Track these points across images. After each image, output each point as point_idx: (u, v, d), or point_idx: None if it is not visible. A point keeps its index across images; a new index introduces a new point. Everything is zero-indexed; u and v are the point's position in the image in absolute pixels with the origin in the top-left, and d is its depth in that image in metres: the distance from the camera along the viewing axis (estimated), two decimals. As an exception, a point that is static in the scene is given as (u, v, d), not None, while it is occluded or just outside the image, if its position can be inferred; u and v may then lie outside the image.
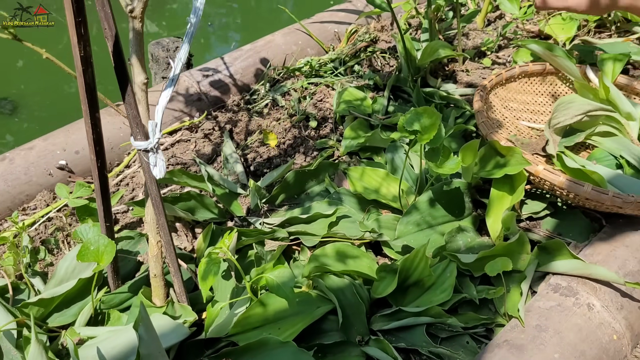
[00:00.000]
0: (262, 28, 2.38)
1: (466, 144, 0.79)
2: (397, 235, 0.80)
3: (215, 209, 0.90)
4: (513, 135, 0.96)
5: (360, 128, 1.02)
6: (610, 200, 0.75)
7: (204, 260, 0.68)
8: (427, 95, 1.10)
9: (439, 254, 0.77)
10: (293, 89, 1.17)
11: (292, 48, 1.25)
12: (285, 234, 0.81)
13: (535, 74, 1.04)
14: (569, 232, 0.85)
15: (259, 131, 1.07)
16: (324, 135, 1.08)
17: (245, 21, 2.71)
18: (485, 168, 0.84)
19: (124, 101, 0.61)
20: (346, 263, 0.77)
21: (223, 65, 1.18)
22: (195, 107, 1.12)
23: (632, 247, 0.79)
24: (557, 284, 0.75)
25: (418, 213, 0.81)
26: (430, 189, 0.83)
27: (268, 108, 1.15)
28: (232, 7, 2.81)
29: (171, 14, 2.87)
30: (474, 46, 1.28)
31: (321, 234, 0.82)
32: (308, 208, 0.88)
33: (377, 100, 1.10)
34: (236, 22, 2.56)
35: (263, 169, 1.00)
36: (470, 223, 0.85)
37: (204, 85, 1.14)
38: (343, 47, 1.29)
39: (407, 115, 0.74)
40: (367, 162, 0.96)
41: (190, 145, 1.05)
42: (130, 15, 0.60)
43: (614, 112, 0.90)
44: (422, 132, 0.72)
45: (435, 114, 0.72)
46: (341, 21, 1.34)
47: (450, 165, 0.74)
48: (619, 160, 0.89)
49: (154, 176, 0.63)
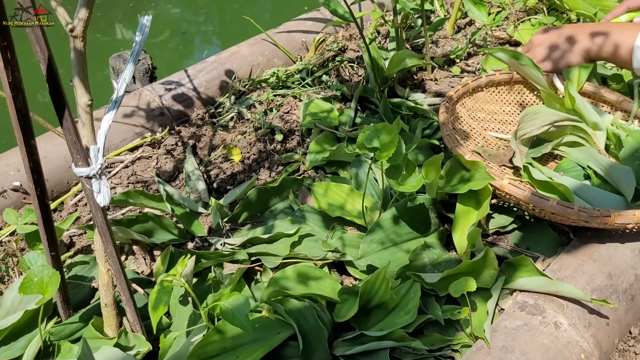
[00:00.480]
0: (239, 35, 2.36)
1: (429, 160, 0.77)
2: (360, 254, 0.78)
3: (175, 229, 0.87)
4: (480, 147, 0.94)
5: (326, 141, 1.00)
6: (576, 214, 0.73)
7: (155, 288, 0.65)
8: (395, 106, 1.08)
9: (404, 273, 0.75)
10: (259, 102, 1.14)
11: (258, 59, 1.23)
12: (245, 256, 0.79)
13: (503, 83, 1.02)
14: (537, 245, 0.83)
15: (223, 146, 1.04)
16: (291, 148, 1.06)
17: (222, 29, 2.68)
18: (451, 182, 0.82)
19: (62, 126, 0.58)
20: (308, 285, 0.74)
21: (186, 78, 1.15)
22: (158, 122, 1.09)
23: (600, 261, 0.77)
24: (524, 302, 0.73)
25: (382, 231, 0.79)
26: (394, 206, 0.80)
27: (233, 121, 1.12)
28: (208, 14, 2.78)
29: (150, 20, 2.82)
30: (443, 54, 1.26)
31: (283, 254, 0.80)
32: (271, 227, 0.85)
33: (344, 112, 1.08)
34: (210, 30, 2.53)
35: (226, 186, 0.98)
36: (436, 239, 0.83)
37: (166, 99, 1.10)
38: (311, 56, 1.27)
39: (366, 132, 0.71)
40: (331, 177, 0.94)
41: (151, 162, 1.02)
42: (70, 35, 0.58)
43: (581, 122, 0.89)
44: (381, 149, 0.70)
45: (394, 131, 0.69)
46: (309, 30, 1.32)
47: (411, 182, 0.72)
48: (586, 171, 0.88)
49: (98, 204, 0.60)
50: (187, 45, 2.44)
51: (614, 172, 0.83)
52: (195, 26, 2.69)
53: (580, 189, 0.84)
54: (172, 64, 2.31)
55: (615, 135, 0.88)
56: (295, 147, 1.05)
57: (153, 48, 2.49)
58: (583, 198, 0.83)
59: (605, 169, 0.85)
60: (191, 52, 2.39)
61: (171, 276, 0.67)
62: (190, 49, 2.40)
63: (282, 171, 0.99)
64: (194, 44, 2.45)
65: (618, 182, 0.82)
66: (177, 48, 2.43)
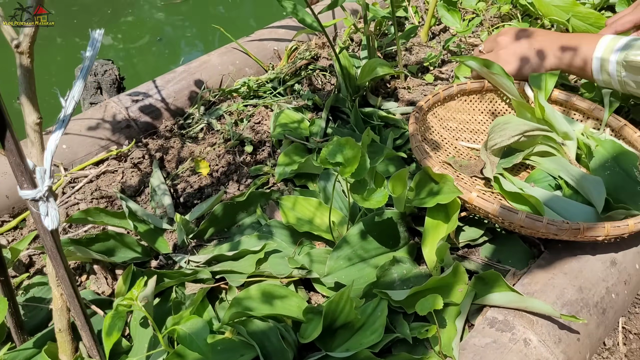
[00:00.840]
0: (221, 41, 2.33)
1: (395, 174, 0.75)
2: (327, 271, 0.76)
3: (139, 247, 0.84)
4: (451, 157, 0.93)
5: (295, 153, 0.98)
6: (544, 227, 0.72)
7: (109, 313, 0.62)
8: (366, 115, 1.06)
9: (371, 291, 0.73)
10: (229, 112, 1.12)
11: (229, 68, 1.20)
12: (209, 275, 0.76)
13: (474, 91, 1.01)
14: (508, 258, 0.81)
15: (191, 159, 1.02)
16: (261, 160, 1.03)
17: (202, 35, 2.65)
18: (420, 195, 0.80)
19: (4, 148, 0.55)
20: (273, 305, 0.72)
21: (154, 89, 1.12)
22: (124, 135, 1.06)
23: (571, 274, 0.76)
24: (493, 318, 0.72)
25: (349, 247, 0.77)
26: (361, 221, 0.78)
27: (203, 132, 1.10)
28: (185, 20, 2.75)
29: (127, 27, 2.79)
30: (417, 61, 1.25)
31: (249, 272, 0.77)
32: (237, 243, 0.83)
33: (315, 122, 1.06)
34: (186, 36, 2.50)
35: (194, 200, 0.95)
36: (406, 253, 0.82)
37: (133, 111, 1.08)
38: (283, 65, 1.24)
39: (329, 147, 0.69)
40: (300, 190, 0.92)
41: (117, 176, 0.99)
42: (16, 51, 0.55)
43: (551, 132, 0.88)
44: (345, 164, 0.68)
45: (357, 145, 0.68)
46: (282, 38, 1.30)
47: (377, 198, 0.70)
48: (558, 181, 0.87)
49: (46, 227, 0.58)
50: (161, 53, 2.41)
51: (584, 183, 0.82)
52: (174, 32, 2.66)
53: (551, 200, 0.83)
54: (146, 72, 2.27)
55: (585, 145, 0.87)
56: (265, 159, 1.03)
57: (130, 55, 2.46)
58: (554, 209, 0.81)
59: (576, 180, 0.84)
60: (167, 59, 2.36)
61: (127, 300, 0.64)
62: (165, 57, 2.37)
63: (251, 184, 0.97)
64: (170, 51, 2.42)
65: (589, 193, 0.81)
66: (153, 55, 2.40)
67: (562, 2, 1.21)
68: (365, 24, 1.05)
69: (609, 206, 0.79)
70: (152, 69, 2.31)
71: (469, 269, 0.80)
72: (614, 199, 0.81)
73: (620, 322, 0.90)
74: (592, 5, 1.27)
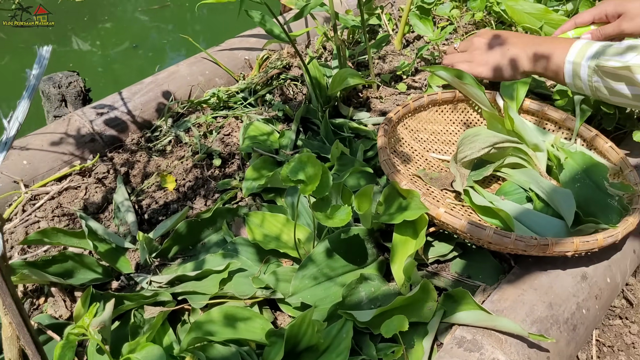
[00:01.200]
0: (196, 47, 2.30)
1: (360, 191, 0.73)
2: (291, 291, 0.73)
3: (99, 267, 0.81)
4: (422, 170, 0.91)
5: (264, 167, 0.95)
6: (513, 243, 0.70)
7: (59, 344, 0.60)
8: (337, 127, 1.04)
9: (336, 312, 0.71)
10: (198, 124, 1.10)
11: (198, 79, 1.18)
12: (169, 297, 0.74)
13: (446, 102, 1.00)
14: (479, 273, 0.80)
15: (157, 173, 0.99)
16: (230, 173, 1.01)
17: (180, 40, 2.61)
18: (390, 210, 0.79)
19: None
20: (235, 327, 0.70)
21: (120, 101, 1.09)
22: (89, 149, 1.03)
23: (541, 290, 0.74)
24: (462, 337, 0.70)
25: (314, 265, 0.75)
26: (327, 238, 0.76)
27: (171, 145, 1.07)
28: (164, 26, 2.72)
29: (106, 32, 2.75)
30: (390, 70, 1.23)
31: (212, 292, 0.75)
32: (201, 262, 0.81)
33: (285, 134, 1.03)
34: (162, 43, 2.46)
35: (159, 217, 0.92)
36: (375, 270, 0.80)
37: (97, 124, 1.05)
38: (254, 75, 1.22)
39: (291, 164, 0.67)
40: (268, 205, 0.89)
41: (79, 192, 0.96)
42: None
43: (521, 144, 0.86)
44: (307, 182, 0.66)
45: (318, 163, 0.66)
46: (253, 47, 1.28)
47: (340, 216, 0.68)
48: (529, 193, 0.85)
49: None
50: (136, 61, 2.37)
51: (554, 195, 0.81)
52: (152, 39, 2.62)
53: (522, 213, 0.81)
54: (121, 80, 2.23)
55: (556, 157, 0.86)
56: (235, 172, 1.01)
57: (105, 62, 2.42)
58: (524, 223, 0.80)
59: (546, 192, 0.83)
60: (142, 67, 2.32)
61: (78, 328, 0.61)
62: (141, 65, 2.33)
63: (218, 199, 0.94)
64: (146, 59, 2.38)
65: (559, 206, 0.80)
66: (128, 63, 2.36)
67: (534, 10, 1.20)
68: (335, 34, 1.04)
69: (579, 219, 0.78)
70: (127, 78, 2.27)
71: (439, 286, 0.78)
72: (585, 212, 0.80)
73: (594, 334, 0.89)
74: (565, 12, 1.27)
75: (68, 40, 2.52)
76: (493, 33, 0.98)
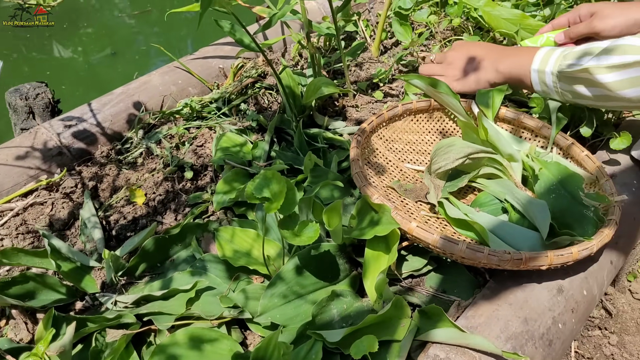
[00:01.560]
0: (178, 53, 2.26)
1: (329, 206, 0.71)
2: (260, 311, 0.71)
3: (63, 288, 0.79)
4: (396, 181, 0.89)
5: (235, 179, 0.93)
6: (486, 258, 0.69)
7: (11, 373, 0.57)
8: (311, 137, 1.02)
9: (306, 331, 0.69)
10: (169, 135, 1.07)
11: (170, 88, 1.15)
12: (133, 319, 0.71)
13: (421, 111, 0.98)
14: (454, 288, 0.78)
15: (126, 187, 0.96)
16: (202, 186, 0.99)
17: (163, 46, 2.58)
18: (362, 224, 0.76)
19: None
20: (202, 350, 0.67)
21: (90, 113, 1.06)
22: (56, 163, 1.00)
23: (516, 305, 0.73)
24: (435, 356, 0.68)
25: (284, 283, 0.73)
26: (297, 255, 0.74)
27: (142, 158, 1.04)
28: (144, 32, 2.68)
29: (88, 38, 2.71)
30: (367, 77, 1.22)
31: (179, 313, 0.73)
32: (168, 280, 0.78)
33: (258, 145, 1.01)
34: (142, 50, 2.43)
35: (127, 233, 0.90)
36: (347, 286, 0.78)
37: (65, 137, 1.02)
38: (229, 84, 1.20)
39: (256, 180, 0.65)
40: (238, 220, 0.87)
41: (45, 208, 0.93)
42: None
43: (496, 154, 0.85)
44: (272, 199, 0.64)
45: (283, 180, 0.63)
46: (228, 55, 1.25)
47: (308, 233, 0.66)
48: (504, 205, 0.84)
49: None
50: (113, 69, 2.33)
51: (529, 207, 0.79)
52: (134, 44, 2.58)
53: (497, 226, 0.80)
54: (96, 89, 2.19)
55: (531, 168, 0.85)
56: (207, 185, 0.98)
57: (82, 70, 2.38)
58: (499, 236, 0.78)
59: (521, 203, 0.81)
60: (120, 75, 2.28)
61: (33, 356, 0.59)
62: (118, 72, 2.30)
63: (188, 213, 0.92)
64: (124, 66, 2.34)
65: (534, 217, 0.78)
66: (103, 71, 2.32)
67: (511, 15, 1.19)
68: (308, 42, 1.02)
69: (554, 232, 0.77)
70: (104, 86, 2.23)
71: (412, 302, 0.76)
72: (560, 223, 0.78)
73: (572, 346, 0.88)
74: (543, 17, 1.26)
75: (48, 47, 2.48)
76: (466, 48, 1.00)
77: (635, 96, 0.78)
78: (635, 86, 0.77)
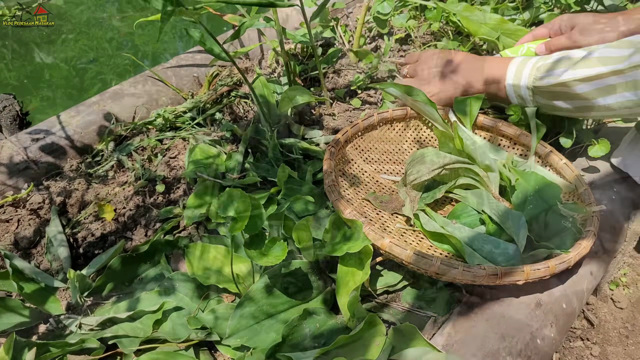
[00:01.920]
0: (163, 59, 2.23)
1: (298, 223, 0.69)
2: (229, 332, 0.68)
3: (25, 310, 0.76)
4: (372, 193, 0.87)
5: (207, 193, 0.90)
6: (460, 274, 0.67)
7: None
8: (286, 147, 0.99)
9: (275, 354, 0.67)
10: (141, 147, 1.04)
11: (143, 98, 1.12)
12: (96, 344, 0.68)
13: (398, 119, 0.96)
14: (430, 304, 0.76)
15: (95, 203, 0.93)
16: (175, 200, 0.96)
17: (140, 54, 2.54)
18: (335, 240, 0.74)
19: None
20: (167, 375, 0.65)
21: (58, 125, 1.03)
22: (23, 178, 0.97)
23: (492, 320, 0.71)
24: (410, 376, 0.66)
25: (253, 303, 0.70)
26: (266, 274, 0.72)
27: (113, 171, 1.01)
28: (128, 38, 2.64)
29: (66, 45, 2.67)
30: (345, 84, 1.19)
31: (145, 335, 0.70)
32: (135, 301, 0.75)
33: (232, 157, 0.99)
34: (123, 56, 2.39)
35: (95, 250, 0.87)
36: (321, 303, 0.75)
37: (32, 151, 0.99)
38: (204, 93, 1.17)
39: (221, 199, 0.63)
40: (209, 236, 0.84)
41: (11, 226, 0.90)
42: None
43: (472, 165, 0.83)
44: (237, 218, 0.61)
45: (248, 198, 0.61)
46: (202, 64, 1.22)
47: (276, 253, 0.64)
48: (482, 216, 0.82)
49: None
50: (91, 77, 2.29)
51: (506, 218, 0.77)
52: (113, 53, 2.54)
53: (474, 238, 0.77)
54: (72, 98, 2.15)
55: (508, 178, 0.83)
56: (180, 198, 0.96)
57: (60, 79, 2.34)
58: (476, 249, 0.76)
59: (498, 214, 0.79)
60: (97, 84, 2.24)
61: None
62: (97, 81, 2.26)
63: (159, 229, 0.89)
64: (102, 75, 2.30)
65: (511, 229, 0.77)
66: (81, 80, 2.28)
67: (490, 20, 1.17)
68: (282, 50, 0.99)
69: (532, 244, 0.75)
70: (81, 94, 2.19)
71: (387, 320, 0.74)
72: (538, 234, 0.76)
73: (554, 358, 0.86)
74: (522, 21, 1.24)
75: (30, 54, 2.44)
76: (436, 59, 0.98)
77: (615, 103, 0.76)
78: (614, 93, 0.75)
